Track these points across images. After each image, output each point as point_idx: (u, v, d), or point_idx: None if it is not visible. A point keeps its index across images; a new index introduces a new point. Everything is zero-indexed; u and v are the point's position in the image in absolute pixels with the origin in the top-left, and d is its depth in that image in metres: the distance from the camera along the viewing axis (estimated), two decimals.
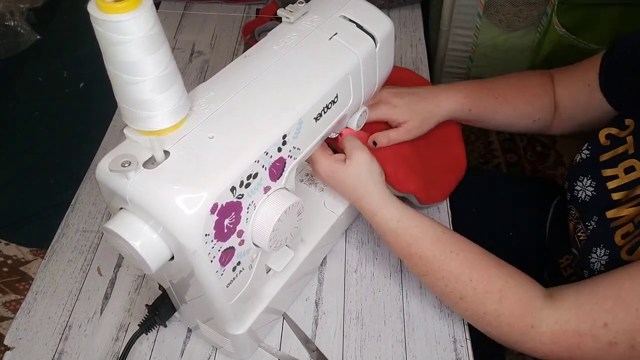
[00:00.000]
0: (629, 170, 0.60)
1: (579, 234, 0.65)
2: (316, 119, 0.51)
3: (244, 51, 0.54)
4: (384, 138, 0.66)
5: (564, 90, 0.73)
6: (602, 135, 0.65)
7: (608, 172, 0.62)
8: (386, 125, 0.68)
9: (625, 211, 0.58)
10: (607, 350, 0.48)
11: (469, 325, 0.62)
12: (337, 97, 0.53)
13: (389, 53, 0.60)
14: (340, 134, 0.64)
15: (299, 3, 0.56)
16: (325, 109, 0.52)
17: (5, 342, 0.62)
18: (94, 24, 0.37)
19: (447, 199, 0.75)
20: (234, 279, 0.49)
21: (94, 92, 1.12)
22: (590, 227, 0.63)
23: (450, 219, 0.73)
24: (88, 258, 0.70)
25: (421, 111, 0.67)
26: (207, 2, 1.11)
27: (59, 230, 0.73)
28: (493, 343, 0.56)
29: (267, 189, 0.48)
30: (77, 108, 1.12)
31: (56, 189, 1.00)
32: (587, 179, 0.64)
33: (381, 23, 0.57)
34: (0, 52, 1.17)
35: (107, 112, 0.87)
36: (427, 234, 0.57)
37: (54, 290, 0.67)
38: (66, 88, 1.15)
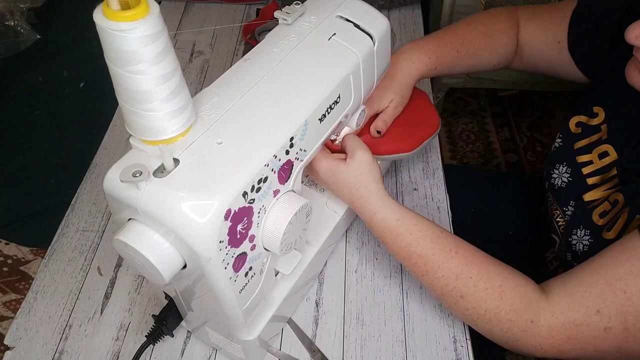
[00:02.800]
0: (603, 155, 0.61)
1: (558, 219, 0.66)
2: (320, 119, 0.51)
3: (244, 51, 0.54)
4: (381, 123, 0.68)
5: (531, 37, 0.72)
6: (572, 123, 0.66)
7: (583, 158, 0.63)
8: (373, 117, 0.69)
9: (600, 193, 0.59)
10: (603, 336, 0.49)
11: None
12: (339, 97, 0.53)
13: (386, 51, 0.60)
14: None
15: (295, 4, 0.56)
16: (329, 110, 0.52)
17: (5, 342, 0.62)
18: (99, 32, 0.36)
19: (447, 197, 0.75)
20: (246, 284, 0.49)
21: (94, 92, 1.11)
22: (569, 212, 0.64)
23: (450, 219, 0.73)
24: (88, 258, 0.70)
25: (397, 88, 0.68)
26: (207, 2, 1.11)
27: (59, 230, 0.73)
28: (493, 343, 0.56)
29: (276, 192, 0.48)
30: (77, 108, 1.12)
31: (56, 188, 1.00)
32: (563, 166, 0.65)
33: (377, 21, 0.57)
34: (0, 52, 1.17)
35: (107, 112, 0.87)
36: (427, 233, 0.57)
37: (54, 290, 0.67)
38: (66, 88, 1.15)
